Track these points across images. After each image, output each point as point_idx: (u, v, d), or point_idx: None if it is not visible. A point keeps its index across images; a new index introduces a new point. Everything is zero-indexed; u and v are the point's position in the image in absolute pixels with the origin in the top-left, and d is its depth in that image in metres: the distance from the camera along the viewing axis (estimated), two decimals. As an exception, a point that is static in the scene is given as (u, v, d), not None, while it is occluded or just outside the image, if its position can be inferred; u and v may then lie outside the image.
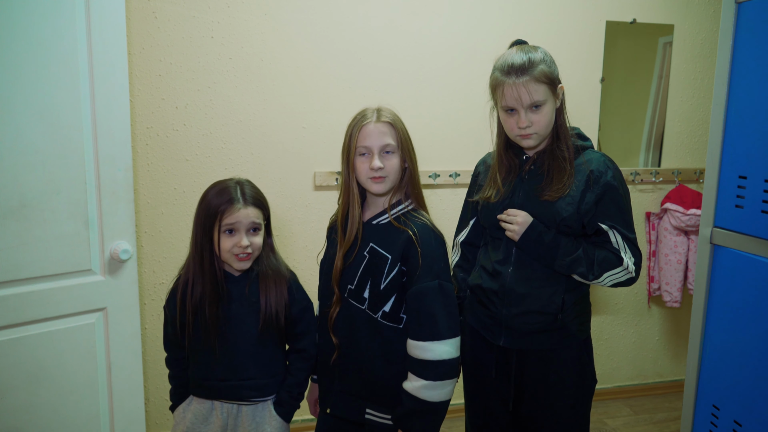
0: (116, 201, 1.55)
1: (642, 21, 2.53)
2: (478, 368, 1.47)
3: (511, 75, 1.28)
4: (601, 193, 1.31)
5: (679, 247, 2.56)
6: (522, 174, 1.39)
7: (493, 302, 1.39)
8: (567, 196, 1.31)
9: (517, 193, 1.38)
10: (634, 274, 1.33)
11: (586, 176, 1.32)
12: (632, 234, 1.34)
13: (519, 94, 1.27)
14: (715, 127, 1.34)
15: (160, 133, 2.14)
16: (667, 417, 2.60)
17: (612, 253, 1.31)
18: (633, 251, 1.33)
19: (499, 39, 2.39)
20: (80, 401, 1.55)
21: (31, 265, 1.43)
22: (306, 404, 1.61)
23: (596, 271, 1.31)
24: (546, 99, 1.29)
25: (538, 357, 1.38)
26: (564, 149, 1.34)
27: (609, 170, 1.33)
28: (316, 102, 2.25)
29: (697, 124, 2.68)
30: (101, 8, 1.46)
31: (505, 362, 1.42)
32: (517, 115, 1.31)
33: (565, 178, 1.32)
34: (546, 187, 1.34)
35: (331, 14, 2.22)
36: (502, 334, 1.38)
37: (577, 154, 1.36)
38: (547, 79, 1.29)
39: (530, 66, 1.27)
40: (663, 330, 2.82)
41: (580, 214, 1.31)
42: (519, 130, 1.31)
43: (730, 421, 1.31)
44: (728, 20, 1.30)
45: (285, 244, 2.31)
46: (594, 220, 1.32)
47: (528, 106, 1.28)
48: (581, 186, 1.32)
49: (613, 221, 1.32)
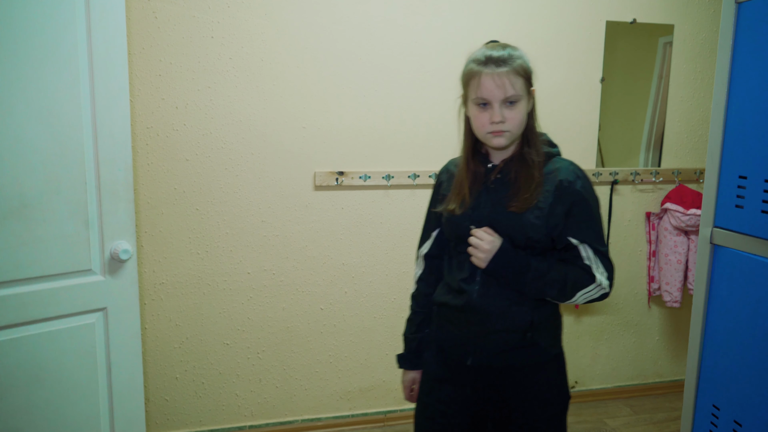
0: (116, 201, 1.55)
1: (642, 21, 2.53)
2: (444, 385, 1.39)
3: (490, 65, 1.22)
4: (571, 205, 1.25)
5: (679, 247, 2.56)
6: (488, 183, 1.32)
7: (460, 320, 1.33)
8: (535, 208, 1.25)
9: (482, 203, 1.31)
10: (608, 289, 1.28)
11: (554, 186, 1.26)
12: (604, 246, 1.28)
13: (497, 84, 1.21)
14: (715, 127, 1.34)
15: (160, 133, 2.14)
16: (667, 417, 2.60)
17: (584, 270, 1.26)
18: (605, 265, 1.28)
19: (499, 39, 2.38)
20: (80, 401, 1.55)
21: (31, 265, 1.43)
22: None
23: (569, 292, 1.26)
24: (522, 96, 1.24)
25: (507, 375, 1.33)
26: (533, 155, 1.28)
27: (578, 180, 1.27)
28: (316, 102, 2.25)
29: (697, 124, 2.68)
30: (101, 8, 1.46)
31: (472, 382, 1.36)
32: (490, 109, 1.24)
33: (533, 187, 1.25)
34: (513, 197, 1.27)
35: (332, 14, 2.22)
36: (470, 353, 1.33)
37: (546, 162, 1.30)
38: (525, 73, 1.24)
39: (510, 58, 1.23)
40: (663, 330, 2.82)
41: (549, 228, 1.25)
42: (491, 126, 1.24)
43: (730, 421, 1.31)
44: (728, 20, 1.30)
45: (285, 244, 2.31)
46: (564, 234, 1.26)
47: (504, 99, 1.22)
48: (550, 198, 1.25)
49: (584, 235, 1.26)
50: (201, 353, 2.30)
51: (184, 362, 2.29)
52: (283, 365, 2.39)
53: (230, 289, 2.29)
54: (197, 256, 2.24)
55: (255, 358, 2.36)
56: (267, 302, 2.34)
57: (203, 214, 2.22)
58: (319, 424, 2.43)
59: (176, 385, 2.30)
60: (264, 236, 2.29)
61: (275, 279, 2.33)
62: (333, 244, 2.35)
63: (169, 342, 2.26)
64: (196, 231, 2.23)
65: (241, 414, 2.38)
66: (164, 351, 2.27)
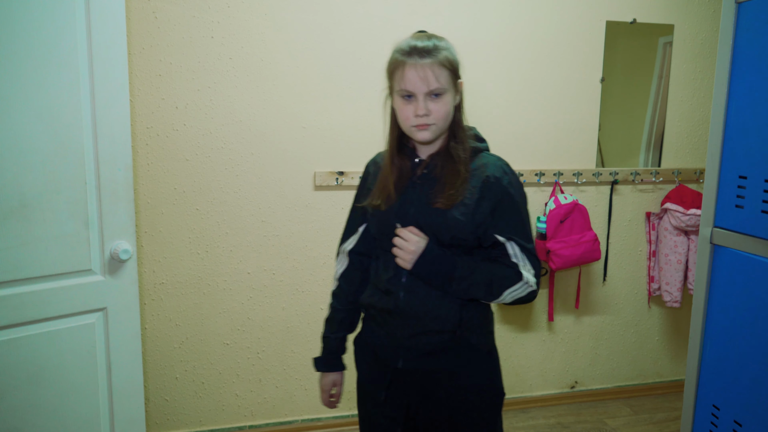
0: (116, 201, 1.55)
1: (642, 21, 2.53)
2: (375, 390, 1.36)
3: (414, 55, 1.19)
4: (497, 202, 1.23)
5: (679, 247, 2.56)
6: (414, 178, 1.28)
7: (388, 322, 1.29)
8: (461, 205, 1.21)
9: (408, 200, 1.27)
10: (534, 287, 1.25)
11: (481, 182, 1.23)
12: (530, 244, 1.25)
13: (421, 76, 1.18)
14: (715, 127, 1.34)
15: (160, 133, 2.14)
16: (667, 417, 2.60)
17: (510, 269, 1.23)
18: (532, 263, 1.25)
19: (499, 39, 2.39)
20: (80, 401, 1.55)
21: (31, 265, 1.43)
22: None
23: (495, 291, 1.23)
24: (447, 88, 1.21)
25: (439, 376, 1.29)
26: (460, 150, 1.25)
27: (506, 176, 1.24)
28: (316, 102, 2.25)
29: (697, 124, 2.68)
30: (101, 8, 1.46)
31: (401, 383, 1.32)
32: (415, 101, 1.20)
33: (458, 183, 1.22)
34: (438, 193, 1.23)
35: (331, 14, 2.22)
36: (400, 356, 1.29)
37: (473, 157, 1.27)
38: (450, 65, 1.22)
39: (434, 49, 1.20)
40: (663, 330, 2.82)
41: (474, 225, 1.22)
42: (416, 119, 1.20)
43: (730, 421, 1.31)
44: (728, 20, 1.30)
45: (285, 245, 2.31)
46: (491, 231, 1.24)
47: (429, 91, 1.19)
48: (476, 194, 1.22)
49: (510, 232, 1.23)
50: (201, 353, 2.30)
51: (184, 362, 2.29)
52: (283, 365, 2.39)
53: (230, 289, 2.29)
54: (197, 256, 2.24)
55: (255, 358, 2.36)
56: (267, 302, 2.34)
57: (203, 214, 2.22)
58: (319, 424, 2.43)
59: (176, 385, 2.30)
60: (264, 236, 2.29)
61: (275, 279, 2.33)
62: (333, 244, 2.35)
63: (169, 342, 2.26)
64: (196, 231, 2.23)
65: (241, 414, 2.38)
66: (164, 351, 2.27)
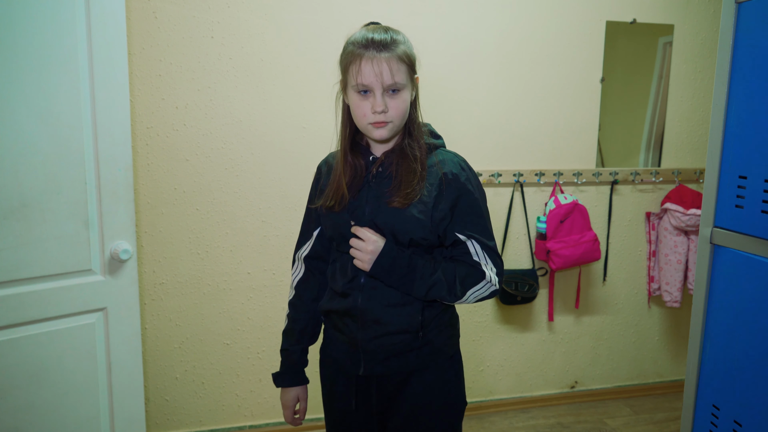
0: (116, 201, 1.55)
1: (642, 21, 2.53)
2: (340, 401, 1.32)
3: (371, 49, 1.12)
4: (456, 199, 1.19)
5: (679, 247, 2.56)
6: (369, 177, 1.23)
7: (348, 326, 1.24)
8: (419, 203, 1.17)
9: (363, 200, 1.21)
10: (497, 286, 1.22)
11: (438, 179, 1.19)
12: (492, 241, 1.22)
13: (378, 71, 1.12)
14: (715, 127, 1.34)
15: (160, 133, 2.14)
16: (667, 417, 2.60)
17: (473, 267, 1.20)
18: (494, 261, 1.21)
19: (499, 39, 2.39)
20: (80, 401, 1.55)
21: (31, 265, 1.43)
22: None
23: (458, 291, 1.19)
24: (406, 84, 1.16)
25: (401, 381, 1.25)
26: (415, 147, 1.20)
27: (463, 172, 1.21)
28: (316, 102, 2.25)
29: (697, 124, 2.68)
30: (101, 8, 1.46)
31: (366, 391, 1.28)
32: (372, 97, 1.14)
33: (415, 182, 1.17)
34: (395, 192, 1.18)
35: (332, 14, 2.22)
36: (362, 362, 1.24)
37: (429, 154, 1.23)
38: (408, 60, 1.17)
39: (393, 43, 1.14)
40: (663, 330, 2.82)
41: (433, 223, 1.18)
42: (373, 116, 1.14)
43: (730, 421, 1.31)
44: (728, 20, 1.30)
45: (285, 245, 2.31)
46: (451, 229, 1.20)
47: (387, 87, 1.14)
48: (434, 191, 1.18)
49: (471, 230, 1.20)
50: (201, 353, 2.30)
51: (184, 362, 2.29)
52: (283, 365, 2.39)
53: (230, 289, 2.29)
54: (197, 256, 2.24)
55: (255, 358, 2.36)
56: (267, 302, 2.34)
57: (203, 214, 2.22)
58: (319, 424, 2.43)
59: (176, 385, 2.30)
60: (264, 236, 2.29)
61: (275, 279, 2.33)
62: (333, 244, 2.35)
63: (169, 342, 2.26)
64: (196, 231, 2.23)
65: (241, 414, 2.38)
66: (164, 351, 2.27)
